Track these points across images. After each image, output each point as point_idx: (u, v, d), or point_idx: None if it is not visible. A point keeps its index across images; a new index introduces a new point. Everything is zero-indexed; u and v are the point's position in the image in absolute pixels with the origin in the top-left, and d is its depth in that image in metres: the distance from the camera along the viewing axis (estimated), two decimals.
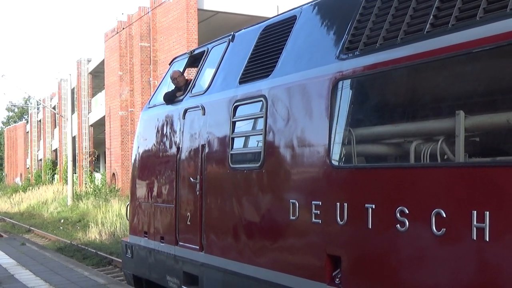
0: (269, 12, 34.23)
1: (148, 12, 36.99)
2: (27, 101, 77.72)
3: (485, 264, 4.55)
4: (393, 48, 5.46)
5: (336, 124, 6.01)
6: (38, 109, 70.48)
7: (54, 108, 60.02)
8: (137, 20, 37.28)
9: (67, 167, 42.19)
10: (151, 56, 37.56)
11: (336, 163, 5.96)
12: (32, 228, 29.31)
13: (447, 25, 5.00)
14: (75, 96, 49.71)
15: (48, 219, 34.56)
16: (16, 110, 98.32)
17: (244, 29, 8.42)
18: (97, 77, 48.86)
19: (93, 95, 49.48)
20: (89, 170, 47.20)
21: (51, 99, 64.59)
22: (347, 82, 5.95)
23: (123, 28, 39.04)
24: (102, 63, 44.54)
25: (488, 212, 4.49)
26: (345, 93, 5.99)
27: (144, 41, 37.75)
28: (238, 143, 7.67)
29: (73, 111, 45.43)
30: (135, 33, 38.52)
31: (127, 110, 39.12)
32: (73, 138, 43.93)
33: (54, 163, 61.67)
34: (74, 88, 48.66)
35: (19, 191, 54.29)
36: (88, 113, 48.62)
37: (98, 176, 46.07)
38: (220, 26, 34.56)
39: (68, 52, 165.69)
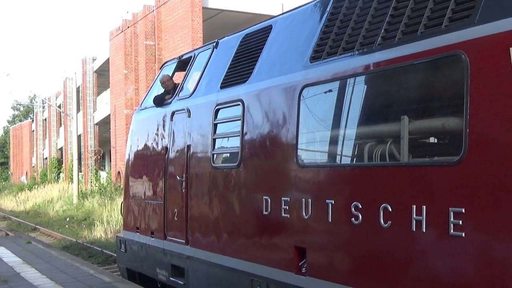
0: (274, 10, 34.67)
1: (153, 11, 37.37)
2: (33, 100, 78.32)
3: (422, 253, 5.22)
4: (350, 58, 6.14)
5: (303, 126, 6.71)
6: (43, 107, 71.14)
7: (59, 106, 60.71)
8: (142, 18, 37.79)
9: (72, 166, 42.66)
10: (156, 54, 37.97)
11: (302, 162, 6.65)
12: (37, 227, 29.75)
13: (394, 39, 5.68)
14: (80, 94, 50.33)
15: (54, 217, 35.06)
16: (21, 108, 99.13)
17: (227, 36, 9.12)
18: (102, 75, 49.35)
19: (98, 93, 50.02)
20: (95, 169, 47.77)
21: (56, 98, 65.12)
22: (312, 89, 6.63)
23: (128, 27, 39.48)
24: (107, 61, 45.01)
25: (424, 207, 5.17)
26: (310, 99, 6.67)
27: (149, 39, 38.17)
28: (219, 144, 8.40)
29: (78, 110, 45.95)
30: (140, 32, 39.04)
31: (132, 108, 39.66)
32: (79, 137, 44.59)
33: (60, 162, 62.34)
34: (79, 86, 49.33)
35: (25, 190, 54.95)
36: (93, 111, 49.13)
37: (103, 174, 46.69)
38: (224, 24, 35.05)
39: (73, 50, 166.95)
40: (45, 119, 71.15)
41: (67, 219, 32.05)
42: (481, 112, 4.76)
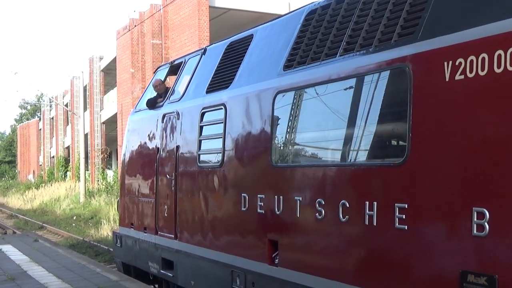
0: (280, 9, 35.05)
1: (160, 10, 37.87)
2: (40, 99, 79.41)
3: (374, 244, 5.94)
4: (316, 67, 6.86)
5: (276, 129, 7.45)
6: (50, 106, 72.18)
7: (66, 105, 61.58)
8: (149, 17, 38.35)
9: (79, 164, 43.45)
10: (163, 53, 38.37)
11: (275, 163, 7.39)
12: (44, 225, 30.45)
13: (353, 51, 6.39)
14: (87, 93, 51.10)
15: (61, 216, 35.90)
16: (28, 107, 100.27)
17: (215, 43, 9.88)
18: (109, 74, 50.06)
19: (105, 92, 50.79)
20: (101, 167, 48.48)
21: (63, 97, 66.08)
22: (284, 95, 7.37)
23: (135, 26, 40.13)
24: (114, 60, 45.67)
25: (376, 203, 5.89)
26: (282, 104, 7.40)
27: (155, 38, 38.69)
28: (205, 145, 9.16)
29: (85, 109, 46.67)
30: (147, 31, 39.65)
31: None
32: (86, 136, 45.32)
33: (67, 160, 63.27)
34: (86, 85, 49.99)
35: (32, 188, 56.00)
36: (100, 110, 49.87)
37: (110, 173, 47.37)
38: (231, 23, 35.58)
39: (80, 49, 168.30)
40: (52, 118, 72.11)
41: (74, 218, 32.77)
42: (421, 119, 5.48)
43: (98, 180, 47.13)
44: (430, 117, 5.41)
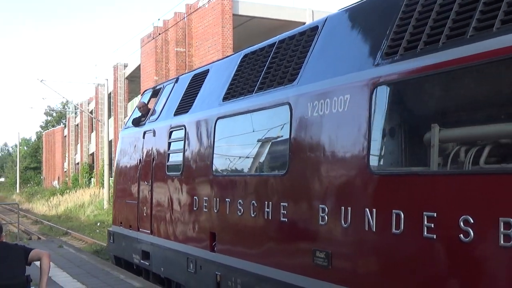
0: (304, 17, 37.31)
1: (184, 18, 40.50)
2: (65, 106, 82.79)
3: (270, 233, 8.70)
4: (241, 100, 9.65)
5: (216, 147, 10.28)
6: (75, 113, 75.82)
7: (91, 112, 65.11)
8: (173, 25, 41.19)
9: (103, 171, 46.44)
10: (187, 61, 40.83)
11: (215, 172, 10.22)
12: (69, 231, 32.58)
13: (262, 90, 9.18)
14: (111, 100, 54.51)
15: (85, 222, 38.59)
16: (54, 114, 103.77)
17: (184, 74, 12.80)
18: (133, 82, 53.17)
19: (129, 99, 53.92)
20: None
21: (88, 104, 69.85)
22: (222, 121, 10.19)
23: (159, 34, 42.62)
24: (138, 68, 48.70)
25: (270, 203, 8.67)
26: (220, 128, 10.22)
27: (179, 46, 41.37)
28: (171, 158, 12.07)
29: (109, 116, 49.82)
30: (171, 39, 42.49)
31: None
32: (110, 142, 48.20)
33: (91, 167, 66.94)
34: (110, 92, 53.28)
35: (57, 194, 59.42)
36: (125, 117, 52.54)
37: None
38: (255, 31, 38.30)
39: (105, 57, 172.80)
40: (77, 125, 75.98)
41: (98, 224, 35.23)
42: (295, 142, 8.23)
43: None
44: (299, 141, 8.17)
